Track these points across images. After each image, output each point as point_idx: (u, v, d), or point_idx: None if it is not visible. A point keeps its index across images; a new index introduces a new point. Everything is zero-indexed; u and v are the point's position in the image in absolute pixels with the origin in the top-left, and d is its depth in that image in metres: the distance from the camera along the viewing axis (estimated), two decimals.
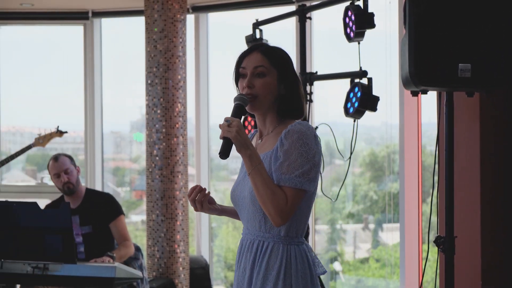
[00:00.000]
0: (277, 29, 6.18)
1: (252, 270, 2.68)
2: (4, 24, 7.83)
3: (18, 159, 6.53)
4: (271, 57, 2.73)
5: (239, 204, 2.76)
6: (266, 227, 2.66)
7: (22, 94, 8.44)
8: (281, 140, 2.61)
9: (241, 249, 2.77)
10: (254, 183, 2.57)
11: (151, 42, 6.65)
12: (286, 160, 2.58)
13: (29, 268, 4.71)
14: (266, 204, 2.56)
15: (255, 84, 2.69)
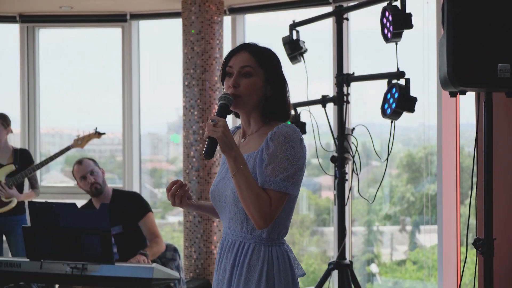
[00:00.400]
0: (314, 30, 6.18)
1: (232, 271, 2.65)
2: (43, 27, 7.93)
3: (57, 161, 6.62)
4: (258, 57, 2.69)
5: (220, 204, 2.72)
6: (247, 228, 2.63)
7: (61, 96, 8.54)
8: (267, 142, 2.58)
9: (222, 249, 2.73)
10: (238, 185, 2.53)
11: (188, 44, 6.69)
12: (271, 162, 2.55)
13: (68, 268, 4.77)
14: (249, 207, 2.52)
15: (241, 83, 2.65)
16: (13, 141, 6.94)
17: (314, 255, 8.30)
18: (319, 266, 8.12)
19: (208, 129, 2.52)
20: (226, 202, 2.66)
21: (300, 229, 8.33)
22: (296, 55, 5.55)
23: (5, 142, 6.43)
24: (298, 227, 8.33)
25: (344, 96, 5.14)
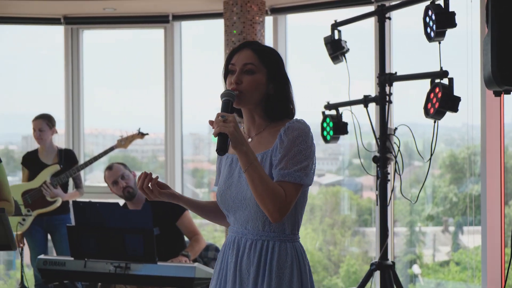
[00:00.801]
0: (356, 29, 6.16)
1: (258, 271, 2.64)
2: (87, 28, 8.02)
3: (100, 161, 6.69)
4: (261, 55, 2.71)
5: (235, 206, 2.70)
6: (271, 227, 2.65)
7: (104, 97, 8.63)
8: (281, 137, 2.60)
9: (236, 250, 2.71)
10: (251, 179, 2.52)
11: (230, 44, 6.71)
12: (285, 155, 2.58)
13: (112, 267, 4.82)
14: (264, 200, 2.52)
15: (243, 80, 2.68)
16: (58, 142, 7.03)
17: (355, 256, 8.28)
18: (361, 266, 8.09)
19: (218, 125, 2.50)
20: (245, 203, 2.66)
21: (341, 229, 8.31)
22: (338, 55, 5.53)
23: (50, 143, 6.53)
24: (340, 228, 8.31)
25: (386, 96, 5.11)
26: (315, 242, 8.37)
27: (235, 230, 2.73)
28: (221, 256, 2.80)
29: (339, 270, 8.21)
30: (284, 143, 2.59)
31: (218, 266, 2.80)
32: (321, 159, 8.82)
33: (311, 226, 8.37)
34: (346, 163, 8.53)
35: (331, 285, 8.20)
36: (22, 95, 9.20)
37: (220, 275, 2.75)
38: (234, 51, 2.76)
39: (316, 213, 8.47)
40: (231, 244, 2.73)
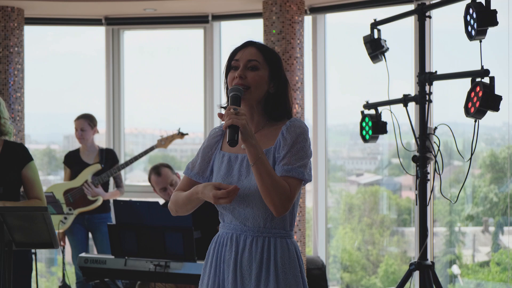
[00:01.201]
0: (395, 28, 6.13)
1: (260, 267, 2.70)
2: (128, 29, 8.10)
3: (140, 160, 6.76)
4: (265, 53, 2.80)
5: (234, 203, 2.74)
6: (272, 223, 2.72)
7: (144, 96, 8.71)
8: (283, 134, 2.71)
9: (236, 247, 2.76)
10: (259, 173, 2.59)
11: (269, 44, 6.73)
12: (288, 152, 2.68)
13: (151, 265, 4.87)
14: (271, 193, 2.59)
15: (247, 75, 2.74)
16: (99, 141, 7.12)
17: (394, 256, 8.24)
18: (399, 266, 8.05)
19: (231, 117, 2.55)
20: (247, 200, 2.71)
21: (380, 229, 8.27)
22: (377, 54, 5.52)
23: (91, 142, 6.61)
24: (378, 227, 8.28)
25: (426, 95, 5.08)
26: (354, 242, 8.35)
27: (232, 227, 2.78)
28: (213, 253, 2.83)
29: (377, 270, 8.18)
30: (287, 140, 2.69)
31: (210, 263, 2.83)
32: (360, 158, 8.79)
33: (349, 225, 8.34)
34: (385, 163, 8.50)
35: (370, 285, 8.17)
36: (64, 95, 9.32)
37: (217, 272, 2.78)
38: (238, 49, 2.82)
39: (355, 212, 8.45)
40: (228, 241, 2.77)
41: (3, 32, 7.14)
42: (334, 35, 7.59)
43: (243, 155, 2.75)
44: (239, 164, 2.76)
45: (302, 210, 6.74)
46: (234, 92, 2.69)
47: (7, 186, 4.17)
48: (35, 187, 4.26)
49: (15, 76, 7.17)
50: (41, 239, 3.35)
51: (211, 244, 2.87)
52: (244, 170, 2.73)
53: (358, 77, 7.93)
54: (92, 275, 5.18)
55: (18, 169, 4.22)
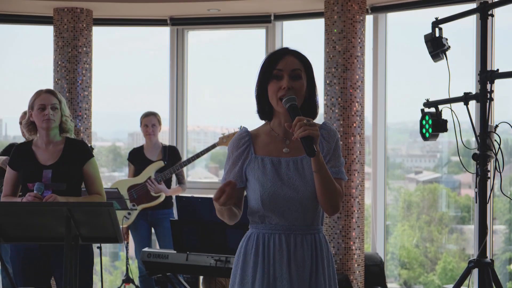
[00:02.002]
0: (456, 26, 6.10)
1: (312, 261, 2.86)
2: (192, 29, 8.23)
3: (201, 157, 6.86)
4: (304, 62, 2.89)
5: (286, 205, 2.83)
6: (316, 221, 2.90)
7: (207, 95, 8.82)
8: (324, 138, 2.88)
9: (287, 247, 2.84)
10: (322, 178, 2.73)
11: (330, 43, 6.77)
12: (333, 156, 2.87)
13: (212, 260, 4.94)
14: (332, 196, 2.76)
15: (294, 86, 2.82)
16: (162, 139, 7.25)
17: (452, 253, 8.18)
18: (458, 264, 7.99)
19: (305, 128, 2.63)
20: (298, 202, 2.82)
21: (438, 226, 8.22)
22: (438, 52, 5.50)
23: (156, 139, 6.75)
24: (437, 225, 8.23)
25: (487, 93, 5.05)
26: (412, 239, 8.31)
27: (279, 227, 2.86)
28: (256, 253, 2.87)
29: (435, 267, 8.13)
30: (330, 144, 2.88)
31: (254, 265, 2.87)
32: (419, 156, 8.75)
33: (408, 223, 8.32)
34: (444, 160, 8.44)
35: (428, 282, 8.13)
36: (129, 94, 9.51)
37: (265, 271, 2.84)
38: (278, 58, 2.88)
39: (413, 210, 8.41)
40: (276, 241, 2.85)
41: (72, 33, 7.35)
42: (395, 34, 7.58)
43: (287, 159, 2.86)
44: (285, 168, 2.85)
45: (361, 207, 6.77)
46: (292, 102, 2.77)
47: (70, 182, 4.30)
48: (96, 183, 4.38)
49: (83, 75, 7.38)
50: (106, 233, 3.45)
51: (245, 244, 2.93)
52: (292, 173, 2.83)
53: (418, 76, 7.90)
54: (155, 269, 5.28)
55: (80, 165, 4.34)
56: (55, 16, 7.43)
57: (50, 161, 4.31)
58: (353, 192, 6.71)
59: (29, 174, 4.27)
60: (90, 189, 4.37)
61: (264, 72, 2.89)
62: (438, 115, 5.50)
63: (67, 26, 7.35)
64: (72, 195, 4.26)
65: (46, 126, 4.30)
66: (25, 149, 4.37)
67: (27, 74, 9.33)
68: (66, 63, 7.34)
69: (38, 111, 4.30)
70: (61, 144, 4.37)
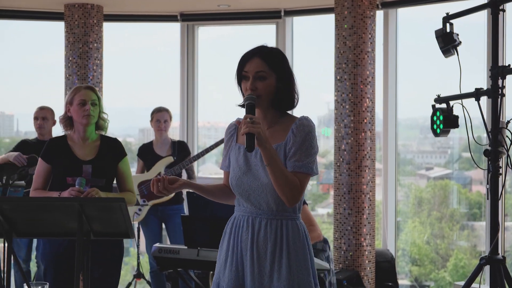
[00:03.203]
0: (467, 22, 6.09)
1: (274, 246, 3.03)
2: (202, 25, 8.24)
3: (212, 153, 6.86)
4: (270, 62, 3.07)
5: (250, 190, 3.05)
6: (283, 207, 3.05)
7: (217, 91, 8.83)
8: (293, 132, 3.03)
9: (252, 229, 3.06)
10: (273, 172, 2.92)
11: (341, 39, 6.77)
12: (298, 149, 3.00)
13: None
14: (284, 189, 2.93)
15: (258, 86, 3.04)
16: (173, 134, 7.26)
17: (463, 250, 8.16)
18: (469, 261, 7.97)
19: (247, 125, 2.86)
20: (261, 188, 3.03)
21: (449, 223, 8.21)
22: (449, 48, 5.48)
23: (166, 135, 6.76)
24: (448, 221, 8.22)
25: (499, 89, 5.04)
26: (423, 236, 8.30)
27: (248, 211, 3.10)
28: (230, 233, 3.14)
29: (446, 264, 8.11)
30: (296, 138, 3.02)
31: (228, 242, 3.14)
32: (430, 152, 8.73)
33: (418, 219, 8.30)
34: (455, 157, 8.42)
35: (439, 279, 8.12)
36: (139, 90, 9.53)
37: (235, 250, 3.10)
38: (245, 60, 3.10)
39: (424, 206, 8.40)
40: (244, 223, 3.09)
41: (83, 29, 7.36)
42: (406, 29, 7.56)
43: (257, 148, 3.00)
44: (254, 156, 3.07)
45: (371, 204, 6.76)
46: (249, 101, 3.00)
47: (108, 179, 4.34)
48: (128, 181, 4.43)
49: (94, 71, 7.40)
50: (118, 229, 3.46)
51: (227, 225, 3.18)
52: (259, 161, 3.05)
53: (429, 71, 7.89)
54: (166, 265, 5.29)
55: (115, 162, 4.37)
56: (66, 12, 7.45)
57: (88, 156, 4.32)
58: (364, 188, 6.71)
59: (68, 168, 4.27)
60: (123, 186, 4.41)
61: (237, 72, 3.15)
62: (449, 111, 5.48)
63: (78, 22, 7.37)
64: (109, 191, 4.31)
65: (86, 122, 4.31)
66: (61, 143, 4.38)
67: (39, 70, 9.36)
68: (77, 59, 7.36)
69: (78, 106, 4.31)
70: (97, 141, 4.39)
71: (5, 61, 9.39)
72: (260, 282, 3.03)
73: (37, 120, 6.47)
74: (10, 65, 9.47)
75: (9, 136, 9.89)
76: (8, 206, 3.28)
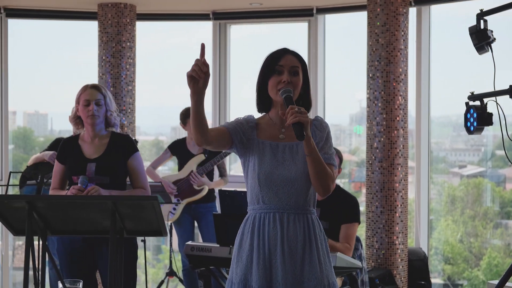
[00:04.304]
0: (502, 19, 6.03)
1: (304, 240, 3.14)
2: (234, 23, 8.25)
3: None
4: (301, 61, 3.26)
5: (281, 184, 3.14)
6: (308, 202, 3.18)
7: (249, 89, 8.84)
8: (316, 128, 3.21)
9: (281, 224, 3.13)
10: (314, 160, 3.06)
11: (373, 36, 6.74)
12: (325, 144, 3.19)
13: None
14: (323, 177, 3.09)
15: (292, 80, 3.18)
16: None
17: (497, 248, 8.09)
18: (503, 259, 7.90)
19: (296, 115, 2.97)
20: (291, 182, 3.14)
21: (483, 221, 8.14)
22: (483, 44, 5.43)
23: None
24: (481, 219, 8.15)
25: None
26: (456, 234, 8.24)
27: (273, 206, 3.16)
28: (252, 231, 3.17)
29: (480, 262, 8.05)
30: (321, 133, 3.20)
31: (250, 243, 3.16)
32: (463, 150, 8.66)
33: (451, 217, 8.24)
34: (489, 154, 8.34)
35: (472, 278, 8.05)
36: (172, 88, 9.58)
37: (260, 247, 3.13)
38: (279, 55, 3.25)
39: (457, 204, 8.34)
40: (270, 220, 3.15)
41: (116, 28, 7.42)
42: (439, 26, 7.51)
43: (283, 144, 3.20)
44: (281, 151, 3.18)
45: (404, 202, 6.73)
46: (288, 93, 3.12)
47: (114, 176, 4.36)
48: (141, 177, 4.44)
49: (127, 70, 7.45)
50: (150, 227, 3.48)
51: (243, 225, 3.25)
52: (288, 156, 3.17)
53: (463, 68, 7.83)
54: (198, 263, 5.31)
55: (124, 159, 4.39)
56: (99, 12, 7.51)
57: (95, 154, 4.37)
58: (396, 187, 6.67)
59: (74, 167, 4.34)
60: (135, 183, 4.43)
61: (266, 68, 3.25)
62: (483, 108, 5.43)
63: (111, 21, 7.42)
64: (116, 188, 4.32)
65: (90, 122, 4.37)
66: (72, 143, 4.45)
67: (73, 69, 9.45)
68: (110, 58, 7.42)
69: (83, 107, 4.37)
70: (106, 138, 4.43)
71: (40, 60, 9.50)
72: (292, 276, 3.10)
73: None
74: (44, 64, 9.57)
75: (43, 135, 10.00)
76: (43, 204, 3.31)
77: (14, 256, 8.61)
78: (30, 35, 9.06)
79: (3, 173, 7.82)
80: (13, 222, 3.46)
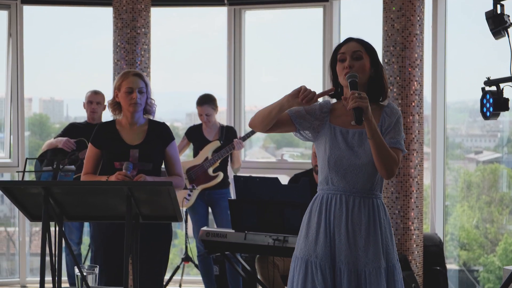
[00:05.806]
0: None
1: (368, 222, 3.28)
2: (249, 9, 8.23)
3: (258, 137, 6.89)
4: (365, 45, 3.39)
5: (349, 169, 3.30)
6: (375, 187, 3.34)
7: (264, 75, 8.83)
8: (386, 113, 3.35)
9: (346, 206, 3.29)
10: (376, 144, 3.17)
11: (389, 21, 6.70)
12: (393, 129, 3.32)
13: (270, 240, 4.98)
14: (385, 160, 3.20)
15: (355, 65, 3.31)
16: (220, 119, 7.29)
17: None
18: None
19: (356, 100, 3.11)
20: (359, 167, 3.30)
21: (499, 207, 8.11)
22: (500, 29, 5.40)
23: (213, 121, 6.80)
24: (497, 205, 8.12)
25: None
26: (472, 220, 8.22)
27: (341, 189, 3.32)
28: (319, 210, 3.34)
29: (496, 248, 8.03)
30: (391, 119, 3.33)
31: (317, 221, 3.33)
32: (479, 136, 8.62)
33: (467, 203, 8.21)
34: (505, 140, 8.30)
35: (487, 263, 8.03)
36: (187, 74, 9.57)
37: (327, 226, 3.30)
38: (341, 45, 3.40)
39: (473, 190, 8.31)
40: (337, 201, 3.31)
41: (131, 14, 7.42)
42: (455, 11, 7.45)
43: (354, 130, 3.33)
44: (351, 137, 3.33)
45: (419, 188, 6.71)
46: (352, 79, 3.23)
47: (154, 163, 4.39)
48: (177, 165, 4.50)
49: (142, 56, 7.45)
50: (166, 212, 3.49)
51: (311, 204, 3.41)
52: (356, 142, 3.31)
53: (479, 54, 7.77)
54: (213, 248, 5.34)
55: (163, 147, 4.43)
56: None
57: (136, 141, 4.39)
58: (411, 172, 6.66)
59: (116, 153, 4.35)
60: (171, 170, 4.48)
61: (332, 58, 3.41)
62: (500, 93, 5.40)
63: (126, 7, 7.42)
64: (157, 175, 4.37)
65: (132, 110, 4.38)
66: (109, 128, 4.46)
67: (87, 55, 9.47)
68: (125, 44, 7.42)
69: (125, 94, 4.38)
70: (145, 125, 4.46)
71: (54, 47, 9.52)
72: (355, 256, 3.26)
73: (91, 104, 6.57)
74: (59, 51, 9.59)
75: (59, 121, 10.03)
76: (59, 190, 3.33)
77: (31, 242, 8.67)
78: (45, 22, 9.08)
79: (19, 159, 7.86)
80: (30, 208, 3.48)
